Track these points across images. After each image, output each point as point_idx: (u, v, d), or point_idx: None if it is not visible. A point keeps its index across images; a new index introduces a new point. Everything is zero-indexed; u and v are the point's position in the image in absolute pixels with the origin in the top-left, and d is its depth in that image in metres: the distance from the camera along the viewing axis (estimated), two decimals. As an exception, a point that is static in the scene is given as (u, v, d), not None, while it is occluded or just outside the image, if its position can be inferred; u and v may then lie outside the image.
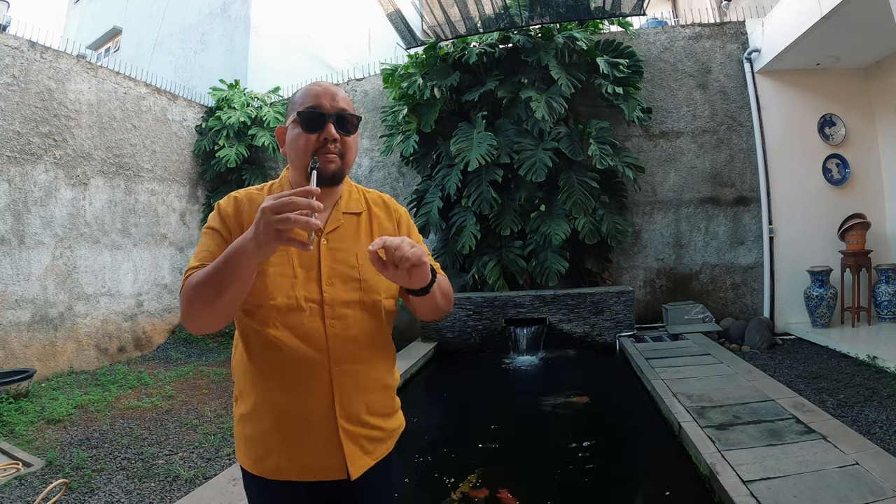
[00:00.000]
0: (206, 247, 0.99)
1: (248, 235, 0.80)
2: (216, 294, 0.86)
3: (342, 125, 1.02)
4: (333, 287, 1.01)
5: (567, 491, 2.47)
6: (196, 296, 0.88)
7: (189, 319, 0.91)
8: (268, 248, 0.78)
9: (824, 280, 4.99)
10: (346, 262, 1.04)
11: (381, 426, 1.08)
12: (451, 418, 3.71)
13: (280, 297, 0.98)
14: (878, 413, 2.96)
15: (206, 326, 0.91)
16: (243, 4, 8.47)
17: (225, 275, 0.84)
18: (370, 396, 1.05)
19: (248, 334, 1.01)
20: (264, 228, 0.76)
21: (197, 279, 0.88)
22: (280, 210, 0.75)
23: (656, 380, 3.66)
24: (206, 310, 0.88)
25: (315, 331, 0.99)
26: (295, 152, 1.02)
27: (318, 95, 1.02)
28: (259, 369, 1.00)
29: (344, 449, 1.00)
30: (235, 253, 0.83)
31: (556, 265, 5.31)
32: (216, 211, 1.05)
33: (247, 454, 1.04)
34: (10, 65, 4.89)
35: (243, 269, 0.83)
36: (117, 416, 3.78)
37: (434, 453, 2.98)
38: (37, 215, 5.06)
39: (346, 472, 1.00)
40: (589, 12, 5.33)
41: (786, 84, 5.51)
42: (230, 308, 0.90)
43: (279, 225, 0.75)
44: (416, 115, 5.85)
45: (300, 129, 1.00)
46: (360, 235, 1.09)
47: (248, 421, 1.03)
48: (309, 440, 0.99)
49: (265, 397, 1.00)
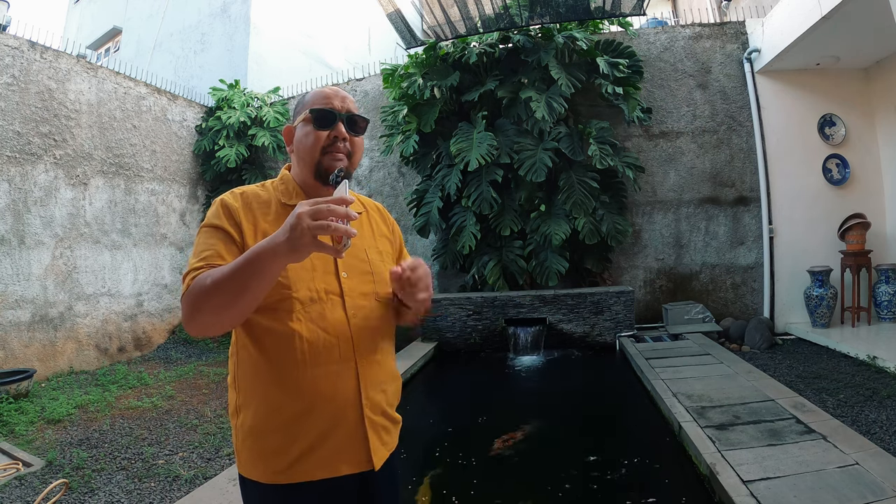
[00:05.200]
0: (211, 245, 0.95)
1: (280, 238, 0.78)
2: (235, 296, 0.83)
3: (352, 125, 1.05)
4: (350, 279, 1.03)
5: (567, 491, 2.47)
6: (208, 298, 0.83)
7: (194, 322, 0.86)
8: (303, 252, 0.78)
9: (824, 280, 4.99)
10: (357, 255, 1.07)
11: (393, 417, 1.10)
12: (450, 418, 3.70)
13: (302, 289, 0.97)
14: (878, 413, 2.96)
15: (211, 330, 0.87)
16: (243, 4, 8.47)
17: (249, 276, 0.81)
18: (388, 386, 1.07)
19: (260, 335, 0.97)
20: (300, 234, 0.76)
21: (210, 281, 0.83)
22: (317, 216, 0.76)
23: (656, 380, 3.66)
24: (217, 314, 0.84)
25: (339, 321, 0.99)
26: (304, 148, 1.04)
27: (329, 96, 1.05)
28: (276, 369, 0.96)
29: (369, 440, 1.00)
30: (263, 255, 0.80)
31: (556, 265, 5.31)
32: (219, 207, 1.00)
33: (263, 466, 0.97)
34: (10, 65, 4.89)
35: (270, 272, 0.82)
36: (117, 416, 3.78)
37: (433, 453, 2.98)
38: (37, 215, 5.06)
39: (371, 462, 1.01)
40: (589, 12, 5.33)
41: (786, 84, 5.51)
42: (246, 311, 0.87)
43: (317, 231, 0.76)
44: (416, 115, 5.85)
45: (311, 127, 1.03)
46: (366, 231, 1.13)
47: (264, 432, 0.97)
48: (337, 432, 0.98)
49: (285, 398, 0.96)
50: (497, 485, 2.56)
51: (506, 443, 3.08)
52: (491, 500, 2.42)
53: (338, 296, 1.01)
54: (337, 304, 1.00)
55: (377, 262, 1.09)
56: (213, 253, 0.93)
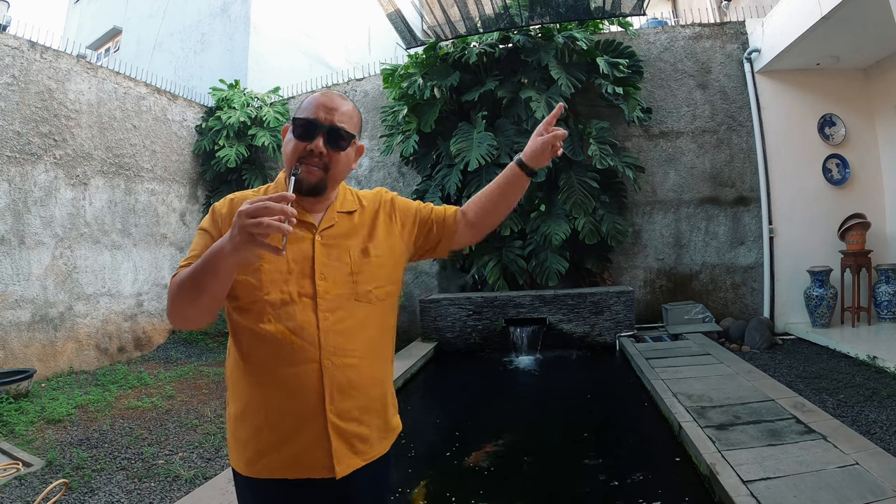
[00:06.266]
0: (196, 247, 1.03)
1: (225, 239, 0.82)
2: (197, 293, 0.90)
3: (332, 140, 1.04)
4: (326, 281, 1.03)
5: (566, 490, 2.47)
6: (179, 293, 0.92)
7: (171, 315, 0.96)
8: (243, 250, 0.79)
9: (824, 280, 4.99)
10: (339, 258, 1.07)
11: (375, 425, 1.07)
12: (450, 418, 3.70)
13: (274, 292, 1.00)
14: (878, 413, 2.96)
15: (188, 323, 0.96)
16: (243, 4, 8.47)
17: (204, 275, 0.87)
18: (365, 393, 1.04)
19: (241, 334, 1.03)
20: (238, 231, 0.78)
21: (181, 278, 0.92)
22: (254, 214, 0.77)
23: (656, 380, 3.66)
24: (187, 307, 0.92)
25: (307, 323, 1.00)
26: (285, 155, 1.07)
27: (318, 106, 1.05)
28: (252, 367, 1.02)
29: (332, 446, 0.99)
30: (213, 255, 0.85)
31: (556, 265, 5.31)
32: (210, 212, 1.09)
33: (239, 455, 1.04)
34: (10, 65, 4.89)
35: (220, 270, 0.86)
36: (117, 416, 3.78)
37: (432, 453, 2.98)
38: (37, 215, 5.06)
39: (333, 470, 0.99)
40: (589, 12, 5.33)
41: (786, 84, 5.51)
42: (210, 306, 0.93)
43: (252, 229, 0.76)
44: (416, 115, 5.85)
45: (291, 135, 1.06)
46: (355, 231, 1.12)
47: (240, 421, 1.04)
48: (300, 435, 0.99)
49: (257, 395, 1.01)
50: (496, 485, 2.56)
51: (506, 443, 3.08)
52: (491, 500, 2.42)
53: (310, 298, 1.01)
54: (308, 307, 1.00)
55: (361, 262, 1.07)
56: (196, 254, 0.99)
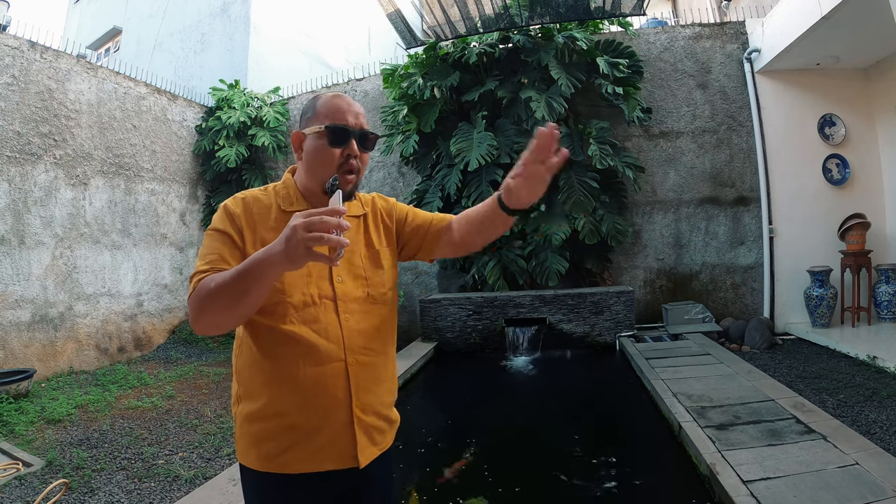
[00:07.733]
0: (215, 249, 1.01)
1: (277, 248, 0.82)
2: (236, 300, 0.88)
3: (363, 142, 1.09)
4: (344, 284, 1.07)
5: (566, 490, 2.47)
6: (212, 301, 0.89)
7: (200, 322, 0.92)
8: (299, 262, 0.81)
9: (824, 280, 4.99)
10: (351, 260, 1.10)
11: (388, 417, 1.13)
12: (450, 418, 3.70)
13: (296, 294, 1.02)
14: (878, 413, 2.96)
15: (216, 329, 0.93)
16: (243, 4, 8.47)
17: (249, 283, 0.86)
18: (382, 387, 1.11)
19: (260, 333, 1.03)
20: (296, 245, 0.79)
21: (214, 285, 0.89)
22: (311, 228, 0.78)
23: (656, 380, 3.66)
24: (221, 315, 0.90)
25: (331, 324, 1.04)
26: (316, 163, 1.07)
27: (343, 111, 1.07)
28: (273, 366, 1.02)
29: (357, 438, 1.04)
30: (261, 263, 0.84)
31: (556, 265, 5.31)
32: (222, 212, 1.06)
33: (254, 452, 1.04)
34: (10, 65, 4.89)
35: (268, 279, 0.87)
36: (117, 416, 3.78)
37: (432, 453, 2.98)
38: (37, 215, 5.06)
39: (357, 460, 1.04)
40: (589, 12, 5.33)
41: (786, 84, 5.51)
42: (246, 313, 0.93)
43: (311, 242, 0.78)
44: (416, 115, 5.85)
45: (325, 142, 1.05)
46: (361, 236, 1.16)
47: (258, 419, 1.04)
48: (326, 429, 1.02)
49: (279, 392, 1.02)
50: (496, 485, 2.56)
51: (506, 442, 3.08)
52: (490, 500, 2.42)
53: (331, 300, 1.05)
54: (330, 308, 1.05)
55: (371, 266, 1.13)
56: (218, 257, 0.99)
